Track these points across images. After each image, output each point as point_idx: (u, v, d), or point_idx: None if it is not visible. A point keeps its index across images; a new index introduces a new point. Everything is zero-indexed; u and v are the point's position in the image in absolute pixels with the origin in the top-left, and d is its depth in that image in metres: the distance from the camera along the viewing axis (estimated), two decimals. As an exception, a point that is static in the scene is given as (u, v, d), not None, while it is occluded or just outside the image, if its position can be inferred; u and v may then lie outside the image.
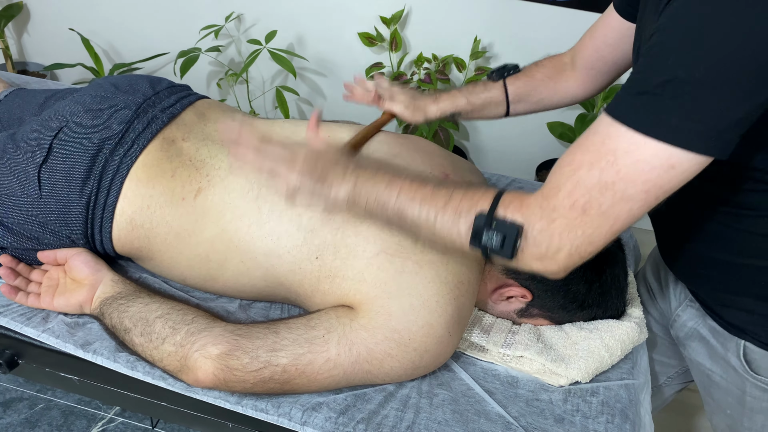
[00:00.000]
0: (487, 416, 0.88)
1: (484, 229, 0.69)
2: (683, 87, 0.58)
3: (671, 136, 0.59)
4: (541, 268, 0.69)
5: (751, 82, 0.57)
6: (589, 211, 0.64)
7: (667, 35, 0.60)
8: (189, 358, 0.84)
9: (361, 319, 0.87)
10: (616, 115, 0.62)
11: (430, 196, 0.73)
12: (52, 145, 0.98)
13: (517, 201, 0.69)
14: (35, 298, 0.97)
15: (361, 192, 0.77)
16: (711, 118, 0.58)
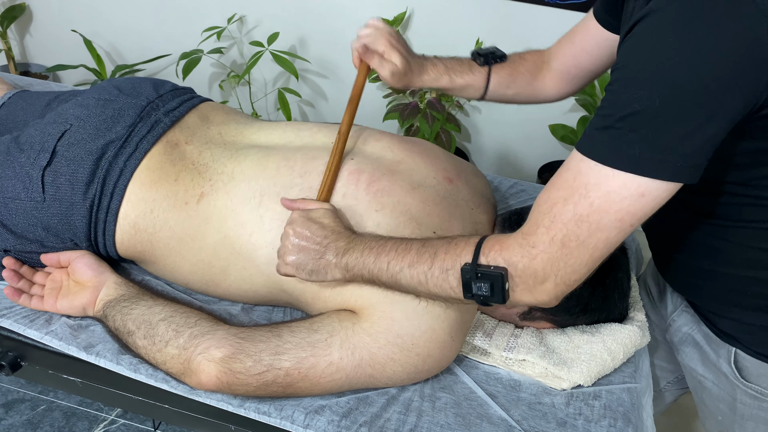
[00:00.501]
0: (490, 420, 0.88)
1: (472, 282, 0.72)
2: (641, 119, 0.61)
3: (636, 167, 0.62)
4: (533, 300, 0.73)
5: (706, 110, 0.59)
6: (568, 243, 0.66)
7: (623, 72, 0.63)
8: (192, 361, 0.84)
9: (364, 323, 0.87)
10: (585, 150, 0.65)
11: (417, 258, 0.78)
12: (56, 149, 0.98)
13: (497, 246, 0.72)
14: (38, 301, 0.97)
15: (353, 272, 0.82)
16: (673, 147, 0.61)
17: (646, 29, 0.62)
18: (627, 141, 0.62)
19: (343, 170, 0.96)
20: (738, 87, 0.59)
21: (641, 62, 0.61)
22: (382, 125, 2.29)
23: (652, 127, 0.60)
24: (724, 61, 0.58)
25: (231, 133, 1.08)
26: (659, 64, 0.60)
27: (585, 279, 0.93)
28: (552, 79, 1.09)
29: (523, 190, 1.39)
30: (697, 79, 0.59)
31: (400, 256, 0.79)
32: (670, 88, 0.59)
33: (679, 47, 0.59)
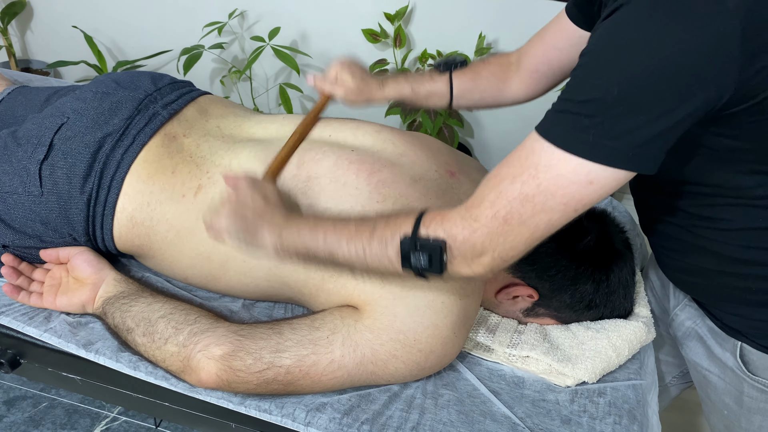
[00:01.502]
0: (493, 417, 0.87)
1: (411, 252, 0.71)
2: (598, 106, 0.61)
3: (589, 152, 0.62)
4: (470, 272, 0.72)
5: (663, 104, 0.60)
6: (510, 221, 0.67)
7: (589, 58, 0.64)
8: (192, 359, 0.83)
9: (366, 320, 0.86)
10: (541, 131, 0.65)
11: (355, 232, 0.76)
12: (53, 142, 0.97)
13: (438, 218, 0.71)
14: (37, 298, 0.96)
15: (287, 245, 0.80)
16: (626, 136, 0.61)
17: (615, 20, 0.63)
18: (582, 126, 0.62)
19: (343, 160, 0.95)
20: (699, 85, 0.60)
21: (606, 51, 0.62)
22: (384, 120, 2.28)
23: (608, 115, 0.61)
24: (687, 58, 0.58)
25: (229, 126, 1.07)
26: (622, 55, 0.61)
27: (591, 276, 0.94)
28: (520, 80, 1.09)
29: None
30: (657, 73, 0.59)
31: (338, 231, 0.77)
32: (629, 78, 0.60)
33: (643, 41, 0.60)
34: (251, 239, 0.82)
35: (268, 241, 0.81)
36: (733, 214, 0.77)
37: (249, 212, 0.83)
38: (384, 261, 0.74)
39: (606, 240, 0.95)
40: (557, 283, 0.94)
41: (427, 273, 0.72)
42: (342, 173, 0.94)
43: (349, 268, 0.78)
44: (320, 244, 0.78)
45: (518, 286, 0.96)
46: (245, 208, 0.83)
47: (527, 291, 0.96)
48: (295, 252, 0.80)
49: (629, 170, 0.63)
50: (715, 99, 0.61)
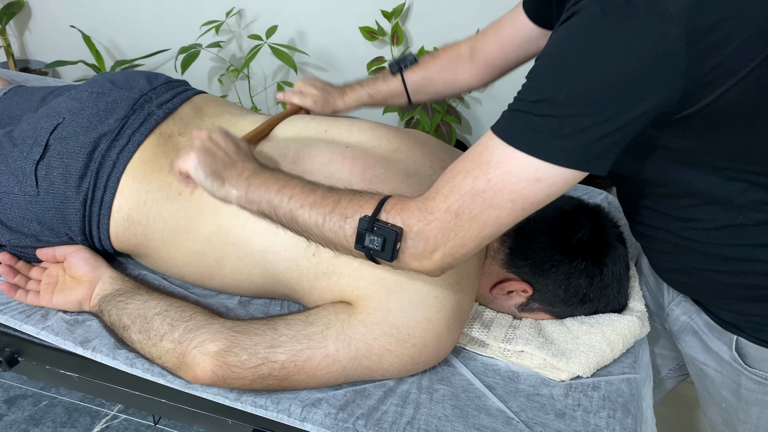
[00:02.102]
0: (488, 411, 0.87)
1: (366, 233, 0.72)
2: (549, 106, 0.63)
3: (538, 150, 0.63)
4: (420, 267, 0.73)
5: (609, 108, 0.62)
6: (462, 215, 0.68)
7: (542, 61, 0.65)
8: (187, 355, 0.84)
9: (360, 315, 0.86)
10: (495, 128, 0.67)
11: (320, 201, 0.77)
12: (48, 142, 0.97)
13: (399, 205, 0.72)
14: (34, 296, 0.97)
15: (252, 196, 0.80)
16: (574, 136, 0.63)
17: (568, 26, 0.64)
18: (533, 125, 0.64)
19: (337, 156, 0.95)
20: (646, 89, 0.61)
21: (559, 54, 0.64)
22: (382, 118, 2.28)
23: (557, 114, 0.63)
24: (634, 63, 0.60)
25: (224, 124, 1.07)
26: (573, 59, 0.63)
27: (584, 271, 0.94)
28: (473, 71, 1.12)
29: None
30: (605, 77, 0.61)
31: (304, 194, 0.78)
32: (578, 81, 0.62)
33: (592, 46, 0.62)
34: (218, 184, 0.82)
35: (234, 190, 0.81)
36: (711, 213, 0.78)
37: (221, 155, 0.84)
38: (339, 235, 0.75)
39: (600, 234, 0.96)
40: (551, 278, 0.94)
41: (377, 257, 0.73)
42: (336, 169, 0.94)
43: (306, 234, 0.79)
44: (284, 204, 0.78)
45: (512, 281, 0.96)
46: (217, 151, 0.84)
47: (521, 286, 0.96)
48: (258, 206, 0.80)
49: (577, 170, 0.64)
50: (664, 103, 0.63)
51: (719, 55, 0.61)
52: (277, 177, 0.81)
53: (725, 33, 0.60)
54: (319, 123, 1.06)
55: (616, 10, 0.61)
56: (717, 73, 0.62)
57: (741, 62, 0.62)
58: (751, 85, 0.63)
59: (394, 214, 0.72)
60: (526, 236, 0.96)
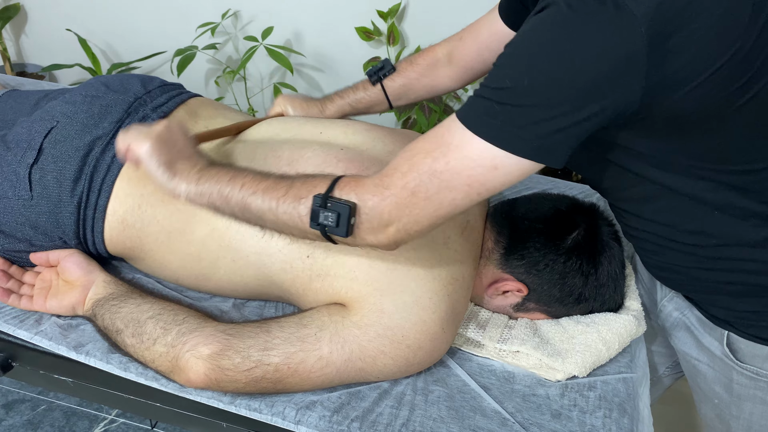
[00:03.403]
0: (483, 412, 0.87)
1: (320, 210, 0.72)
2: (509, 95, 0.64)
3: (494, 137, 0.65)
4: (375, 241, 0.74)
5: (569, 100, 0.63)
6: (417, 193, 0.69)
7: (509, 49, 0.67)
8: (180, 359, 0.83)
9: (353, 317, 0.86)
10: (458, 112, 0.68)
11: (273, 186, 0.77)
12: (42, 146, 0.97)
13: (353, 182, 0.73)
14: (28, 300, 0.96)
15: (203, 188, 0.80)
16: (531, 126, 0.64)
17: (536, 19, 0.65)
18: (493, 112, 0.65)
19: (332, 158, 0.95)
20: (606, 87, 0.62)
21: (523, 45, 0.66)
22: (379, 118, 2.27)
23: (516, 104, 0.64)
24: (595, 61, 0.61)
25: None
26: (536, 51, 0.64)
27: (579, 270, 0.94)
28: (451, 75, 1.13)
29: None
30: (566, 72, 0.62)
31: (256, 181, 0.78)
32: (538, 73, 0.63)
33: (556, 41, 0.63)
34: (169, 175, 0.82)
35: (184, 183, 0.81)
36: (687, 213, 0.79)
37: (175, 146, 0.84)
38: (294, 216, 0.75)
39: (595, 234, 0.95)
40: (546, 278, 0.94)
41: (333, 234, 0.73)
42: (330, 171, 0.94)
43: (260, 221, 0.78)
44: (236, 193, 0.78)
45: (507, 281, 0.96)
46: (172, 142, 0.84)
47: (516, 286, 0.96)
48: (208, 199, 0.80)
49: (533, 160, 0.65)
50: (624, 103, 0.64)
51: (678, 60, 0.62)
52: (228, 169, 0.82)
53: (684, 39, 0.61)
54: (313, 125, 1.05)
55: (583, 7, 0.62)
56: (676, 77, 0.63)
57: (698, 69, 0.63)
58: (708, 91, 0.65)
59: (348, 190, 0.72)
60: (521, 236, 0.96)
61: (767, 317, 0.83)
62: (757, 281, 0.81)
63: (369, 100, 1.18)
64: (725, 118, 0.68)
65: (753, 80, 0.66)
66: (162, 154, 0.83)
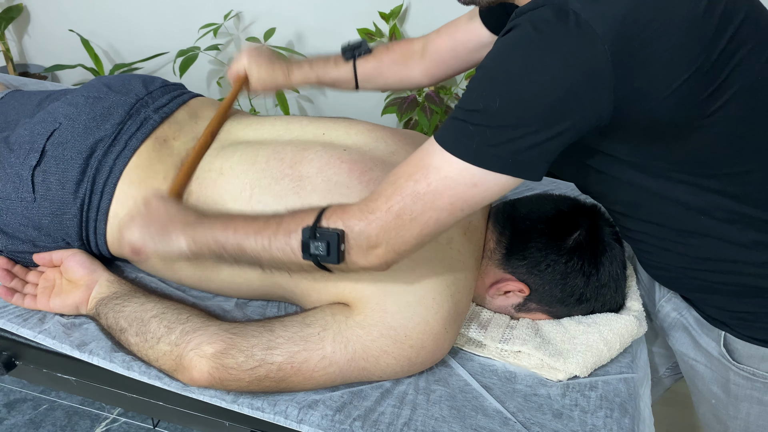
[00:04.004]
0: (485, 412, 0.87)
1: (310, 241, 0.74)
2: (482, 116, 0.67)
3: (472, 157, 0.67)
4: (367, 264, 0.76)
5: (540, 118, 0.65)
6: (402, 216, 0.71)
7: (480, 72, 0.69)
8: (184, 358, 0.84)
9: (357, 317, 0.86)
10: (437, 135, 0.71)
11: (264, 226, 0.79)
12: (45, 148, 0.97)
13: (339, 211, 0.76)
14: (31, 300, 0.97)
15: (200, 241, 0.82)
16: (506, 144, 0.66)
17: (505, 40, 0.68)
18: (469, 133, 0.67)
19: (335, 159, 0.95)
20: (575, 104, 0.65)
21: (492, 67, 0.68)
22: (380, 119, 2.28)
23: (490, 124, 0.66)
24: (562, 79, 0.64)
25: (220, 129, 1.08)
26: (504, 73, 0.67)
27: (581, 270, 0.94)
28: (424, 69, 1.14)
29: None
30: (534, 92, 0.65)
31: (248, 224, 0.80)
32: (507, 94, 0.66)
33: (522, 62, 0.65)
34: (166, 241, 0.84)
35: (183, 240, 0.83)
36: (675, 216, 0.80)
37: (162, 217, 0.86)
38: (287, 251, 0.77)
39: (596, 234, 0.96)
40: (547, 278, 0.94)
41: (326, 263, 0.75)
42: (334, 172, 0.94)
43: (257, 261, 0.81)
44: (230, 238, 0.80)
45: (509, 281, 0.96)
46: (158, 215, 0.86)
47: (518, 286, 0.96)
48: (208, 248, 0.82)
49: (511, 176, 0.68)
50: (595, 117, 0.67)
51: (644, 74, 0.65)
52: (218, 217, 0.85)
53: (649, 54, 0.64)
54: (316, 125, 1.06)
55: (547, 28, 0.64)
56: (644, 90, 0.66)
57: (666, 81, 0.66)
58: (679, 101, 0.67)
59: (334, 218, 0.75)
60: (523, 236, 0.96)
61: (762, 318, 0.84)
62: (750, 282, 0.82)
63: (337, 75, 1.18)
64: (698, 125, 0.70)
65: (721, 90, 0.68)
66: (153, 231, 0.85)
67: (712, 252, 0.81)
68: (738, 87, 0.69)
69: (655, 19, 0.64)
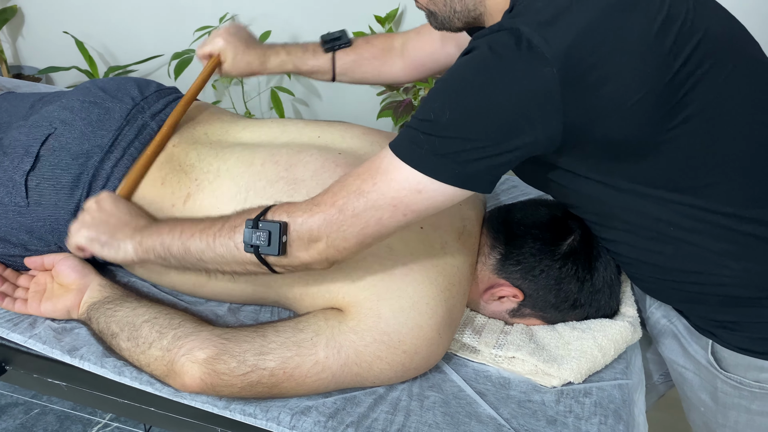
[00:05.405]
0: (479, 418, 0.87)
1: (252, 231, 0.76)
2: (432, 126, 0.69)
3: (418, 164, 0.70)
4: (308, 258, 0.77)
5: (488, 135, 0.68)
6: (345, 210, 0.73)
7: (437, 85, 0.72)
8: (176, 363, 0.83)
9: (350, 322, 0.85)
10: (390, 142, 0.73)
11: (209, 225, 0.81)
12: (39, 153, 0.97)
13: (286, 206, 0.78)
14: (22, 304, 0.96)
15: (147, 245, 0.85)
16: (452, 156, 0.69)
17: (464, 59, 0.71)
18: (418, 141, 0.70)
19: (330, 163, 0.95)
20: (525, 123, 0.67)
21: (447, 83, 0.71)
22: (376, 123, 2.28)
23: (438, 135, 0.69)
24: (512, 101, 0.66)
25: (217, 132, 1.07)
26: (457, 88, 0.69)
27: (575, 276, 0.94)
28: (403, 67, 1.16)
29: (514, 186, 1.38)
30: (483, 110, 0.67)
31: (194, 225, 0.82)
32: (457, 109, 0.68)
33: (475, 80, 0.68)
34: (113, 246, 0.87)
35: (129, 245, 0.86)
36: (646, 229, 0.81)
37: (111, 221, 0.88)
38: (230, 246, 0.78)
39: (590, 239, 0.95)
40: (542, 283, 0.94)
41: (267, 254, 0.76)
42: (328, 176, 0.94)
43: (201, 262, 0.82)
44: (176, 240, 0.82)
45: (503, 286, 0.96)
46: (108, 218, 0.88)
47: (512, 291, 0.95)
48: (154, 252, 0.84)
49: (454, 185, 0.70)
50: (545, 137, 0.68)
51: (594, 96, 0.66)
52: (167, 221, 0.87)
53: (598, 77, 0.66)
54: (312, 129, 1.05)
55: (502, 50, 0.67)
56: (596, 111, 0.67)
57: (618, 101, 0.67)
58: (634, 119, 0.68)
59: (280, 212, 0.77)
60: (517, 242, 0.96)
61: (746, 327, 0.84)
62: (729, 292, 0.82)
63: (315, 65, 1.18)
64: (659, 142, 0.72)
65: (678, 108, 0.70)
66: (99, 234, 0.88)
67: (687, 264, 0.82)
68: (697, 104, 0.70)
69: (604, 42, 0.66)
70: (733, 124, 0.73)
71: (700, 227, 0.78)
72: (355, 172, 0.75)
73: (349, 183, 0.74)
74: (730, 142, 0.74)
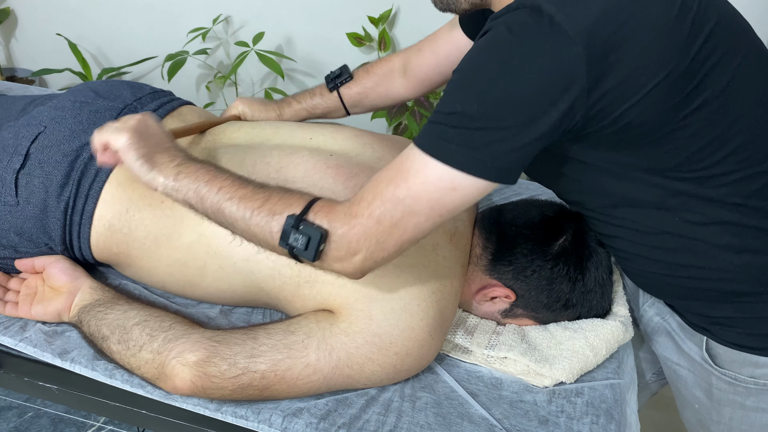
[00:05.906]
0: (471, 419, 0.86)
1: (292, 231, 0.72)
2: (461, 119, 0.67)
3: (452, 160, 0.67)
4: (341, 269, 0.75)
5: (515, 123, 0.66)
6: (383, 221, 0.70)
7: (457, 75, 0.69)
8: (166, 366, 0.83)
9: (341, 324, 0.85)
10: (416, 139, 0.70)
11: (250, 195, 0.77)
12: (29, 151, 0.96)
13: (327, 207, 0.74)
14: (12, 307, 0.95)
15: (180, 185, 0.80)
16: (483, 148, 0.66)
17: (481, 43, 0.68)
18: (447, 136, 0.67)
19: (321, 165, 0.95)
20: (551, 106, 0.65)
21: (469, 70, 0.68)
22: (369, 124, 2.28)
23: (468, 127, 0.66)
24: (537, 82, 0.64)
25: (211, 133, 1.07)
26: (481, 75, 0.67)
27: (566, 276, 0.94)
28: (407, 86, 1.16)
29: (506, 186, 1.37)
30: (509, 93, 0.65)
31: (234, 187, 0.77)
32: (486, 97, 0.66)
33: (497, 64, 0.66)
34: (148, 168, 0.81)
35: (162, 176, 0.80)
36: (649, 220, 0.81)
37: (152, 139, 0.83)
38: (265, 231, 0.75)
39: (582, 239, 0.95)
40: (533, 284, 0.94)
41: (300, 256, 0.73)
42: (319, 177, 0.94)
43: (231, 227, 0.78)
44: (212, 195, 0.78)
45: (495, 287, 0.96)
46: (149, 135, 0.83)
47: (504, 292, 0.96)
48: (184, 195, 0.80)
49: (488, 179, 0.68)
50: (569, 118, 0.67)
51: (616, 77, 0.65)
52: (208, 168, 0.81)
53: (622, 56, 0.64)
54: (304, 130, 1.05)
55: (522, 30, 0.65)
56: (616, 93, 0.66)
57: (637, 85, 0.66)
58: (651, 104, 0.67)
59: (321, 216, 0.73)
60: (509, 242, 0.96)
61: (741, 323, 0.84)
62: (727, 287, 0.82)
63: (326, 106, 1.19)
64: (672, 129, 0.70)
65: (695, 94, 0.69)
66: (140, 146, 0.82)
67: (688, 257, 0.82)
68: (710, 92, 0.69)
69: (627, 21, 0.64)
70: (742, 112, 0.73)
71: (706, 220, 0.78)
72: (385, 176, 0.71)
73: (382, 190, 0.70)
74: (740, 131, 0.73)
